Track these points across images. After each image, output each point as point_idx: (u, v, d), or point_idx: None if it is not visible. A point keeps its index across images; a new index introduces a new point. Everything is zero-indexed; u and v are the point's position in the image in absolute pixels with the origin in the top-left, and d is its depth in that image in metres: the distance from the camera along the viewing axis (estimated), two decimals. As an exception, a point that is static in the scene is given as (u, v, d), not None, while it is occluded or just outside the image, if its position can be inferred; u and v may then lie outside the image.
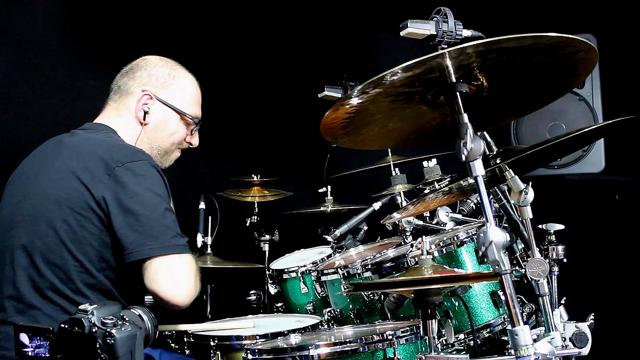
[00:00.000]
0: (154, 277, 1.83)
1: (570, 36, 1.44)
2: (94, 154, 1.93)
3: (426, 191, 2.89)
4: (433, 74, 1.55)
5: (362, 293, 2.55)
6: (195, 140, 2.29)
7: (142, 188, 1.88)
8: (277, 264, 3.38)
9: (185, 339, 2.60)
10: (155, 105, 2.15)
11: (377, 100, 1.64)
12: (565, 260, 2.00)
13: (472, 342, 2.36)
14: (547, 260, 1.90)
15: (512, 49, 1.50)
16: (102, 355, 1.56)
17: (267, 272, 3.36)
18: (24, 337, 1.65)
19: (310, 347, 1.92)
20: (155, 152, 2.17)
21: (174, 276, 1.84)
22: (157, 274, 1.83)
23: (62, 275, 1.87)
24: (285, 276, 3.15)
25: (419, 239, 2.03)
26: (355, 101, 1.61)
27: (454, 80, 1.57)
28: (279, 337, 2.35)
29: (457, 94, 1.58)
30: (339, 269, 2.67)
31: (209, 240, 3.32)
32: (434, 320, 1.84)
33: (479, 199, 1.59)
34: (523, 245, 2.18)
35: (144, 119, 2.13)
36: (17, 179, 2.08)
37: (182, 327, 2.58)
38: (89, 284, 1.88)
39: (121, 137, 2.10)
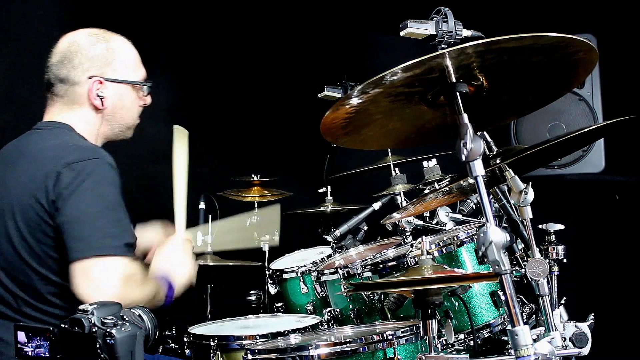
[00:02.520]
0: (73, 282, 1.76)
1: (570, 36, 1.44)
2: (45, 162, 1.87)
3: (426, 191, 2.89)
4: (433, 74, 1.55)
5: (362, 293, 2.55)
6: (148, 100, 2.20)
7: (82, 188, 1.81)
8: (277, 264, 3.38)
9: (185, 338, 2.60)
10: (106, 87, 2.06)
11: (377, 100, 1.64)
12: (565, 260, 2.00)
13: (472, 342, 2.36)
14: (547, 260, 1.90)
15: (512, 49, 1.50)
16: (102, 355, 1.55)
17: (267, 272, 3.37)
18: (23, 337, 1.65)
19: (310, 347, 1.92)
20: (118, 129, 2.12)
21: (91, 281, 1.75)
22: (74, 277, 1.76)
23: (29, 290, 1.85)
24: (285, 276, 3.15)
25: (419, 239, 2.03)
26: (355, 101, 1.61)
27: (454, 80, 1.57)
28: (279, 337, 2.35)
29: (457, 94, 1.58)
30: (339, 269, 2.67)
31: (209, 240, 3.31)
32: (434, 320, 1.84)
33: (479, 199, 1.59)
34: (523, 245, 2.19)
35: (102, 104, 2.05)
36: None
37: None
38: (58, 294, 1.86)
39: (78, 133, 2.03)
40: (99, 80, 2.05)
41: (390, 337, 1.95)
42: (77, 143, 1.98)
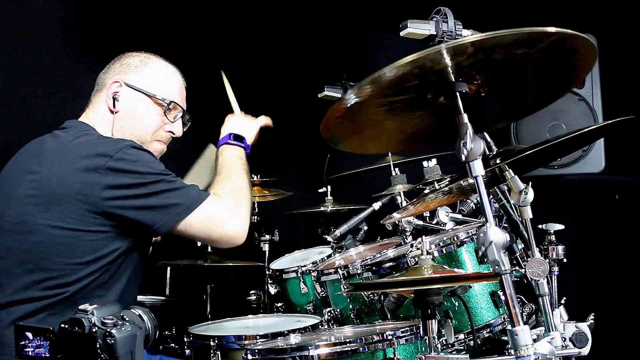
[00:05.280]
0: (196, 233, 1.95)
1: (569, 31, 1.43)
2: (78, 155, 1.89)
3: (426, 191, 2.89)
4: (431, 73, 1.54)
5: (362, 293, 2.55)
6: (176, 129, 2.18)
7: (139, 169, 1.88)
8: (277, 264, 3.38)
9: (185, 338, 2.60)
10: (124, 91, 2.08)
11: (375, 102, 1.63)
12: (565, 260, 2.00)
13: (472, 342, 2.36)
14: (547, 260, 1.90)
15: (511, 44, 1.48)
16: (102, 355, 1.56)
17: (267, 272, 3.36)
18: (23, 337, 1.65)
19: (310, 347, 1.92)
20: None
21: (217, 219, 1.96)
22: (199, 230, 1.94)
23: (50, 283, 1.84)
24: (285, 276, 3.14)
25: (419, 239, 2.03)
26: (353, 100, 1.60)
27: (453, 79, 1.57)
28: (279, 337, 2.35)
29: (457, 94, 1.57)
30: (339, 269, 2.66)
31: (209, 241, 3.31)
32: (434, 320, 1.84)
33: (479, 199, 1.59)
34: (523, 245, 2.19)
35: (114, 106, 2.07)
36: (2, 183, 2.02)
37: None
38: (80, 289, 1.86)
39: (98, 132, 2.06)
40: (119, 83, 2.09)
41: (390, 337, 1.95)
42: (103, 137, 2.04)
